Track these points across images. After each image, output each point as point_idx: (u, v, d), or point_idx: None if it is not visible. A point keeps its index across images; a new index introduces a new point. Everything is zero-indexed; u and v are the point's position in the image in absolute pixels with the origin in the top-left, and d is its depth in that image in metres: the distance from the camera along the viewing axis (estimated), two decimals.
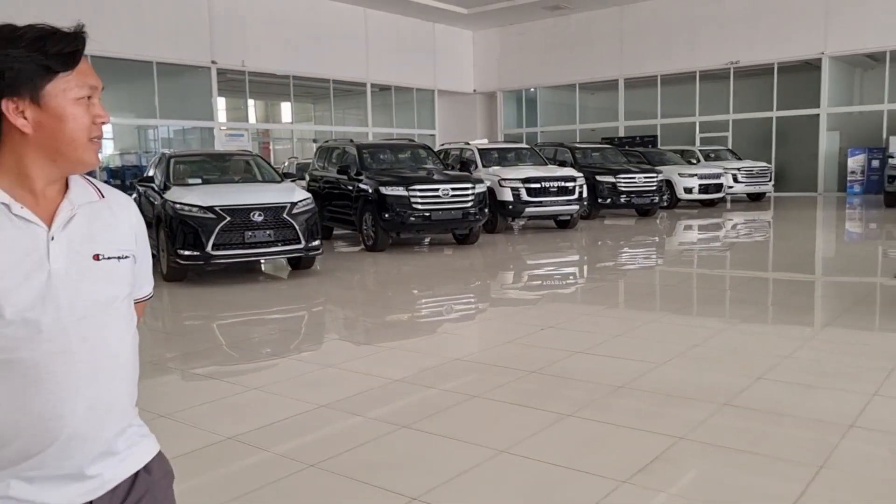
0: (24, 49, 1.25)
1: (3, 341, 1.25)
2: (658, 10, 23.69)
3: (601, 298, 7.70)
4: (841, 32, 20.90)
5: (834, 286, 8.26)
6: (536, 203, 12.92)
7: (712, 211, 18.04)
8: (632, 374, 4.56)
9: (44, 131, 1.29)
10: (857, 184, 21.80)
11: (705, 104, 23.82)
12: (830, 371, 4.64)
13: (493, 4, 23.76)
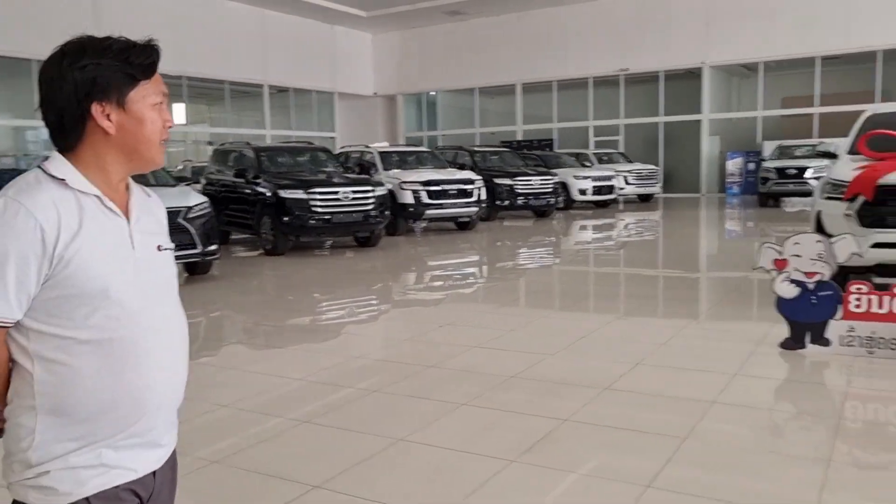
0: (112, 59, 1.40)
1: (106, 321, 1.38)
2: (554, 18, 24.54)
3: (498, 296, 8.02)
4: (719, 44, 22.32)
5: (709, 280, 8.91)
6: (437, 205, 13.18)
7: (605, 212, 18.89)
8: (523, 365, 4.85)
9: (125, 132, 1.43)
10: (736, 185, 23.32)
11: (598, 109, 24.86)
12: (699, 356, 5.09)
13: (393, 8, 23.95)
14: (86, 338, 1.36)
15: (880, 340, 4.77)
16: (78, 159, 1.42)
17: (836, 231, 5.67)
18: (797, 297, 4.91)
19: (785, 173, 18.03)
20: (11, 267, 1.30)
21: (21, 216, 1.31)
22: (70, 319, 1.35)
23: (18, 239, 1.30)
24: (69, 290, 1.34)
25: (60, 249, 1.32)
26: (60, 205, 1.35)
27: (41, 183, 1.37)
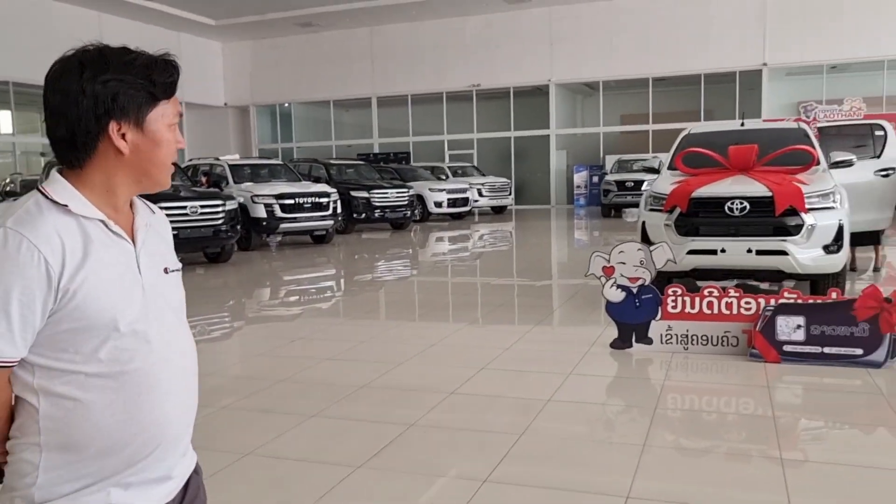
0: (135, 76, 1.31)
1: (118, 353, 1.30)
2: (406, 33, 25.00)
3: (353, 309, 8.10)
4: (563, 63, 23.66)
5: (553, 287, 9.45)
6: (291, 219, 13.06)
7: (461, 223, 19.44)
8: (373, 374, 4.96)
9: (139, 154, 1.34)
10: (583, 197, 24.75)
11: (452, 123, 25.56)
12: (539, 358, 5.43)
13: (244, 17, 23.47)
14: (95, 371, 1.28)
15: (693, 337, 5.31)
16: (83, 179, 1.33)
17: (659, 240, 6.24)
18: (623, 301, 5.37)
19: (624, 186, 19.38)
20: (15, 304, 1.22)
21: (24, 249, 1.22)
22: (78, 353, 1.28)
23: (22, 274, 1.22)
24: (77, 323, 1.26)
25: (66, 281, 1.24)
26: (64, 233, 1.26)
27: (42, 210, 1.27)
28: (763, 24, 21.58)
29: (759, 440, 3.75)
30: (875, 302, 4.75)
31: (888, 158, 8.39)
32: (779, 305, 5.01)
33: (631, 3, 22.47)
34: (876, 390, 4.46)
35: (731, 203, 6.26)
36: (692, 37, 22.12)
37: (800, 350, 4.95)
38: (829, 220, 6.17)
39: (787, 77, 22.92)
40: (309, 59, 26.15)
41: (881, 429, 3.93)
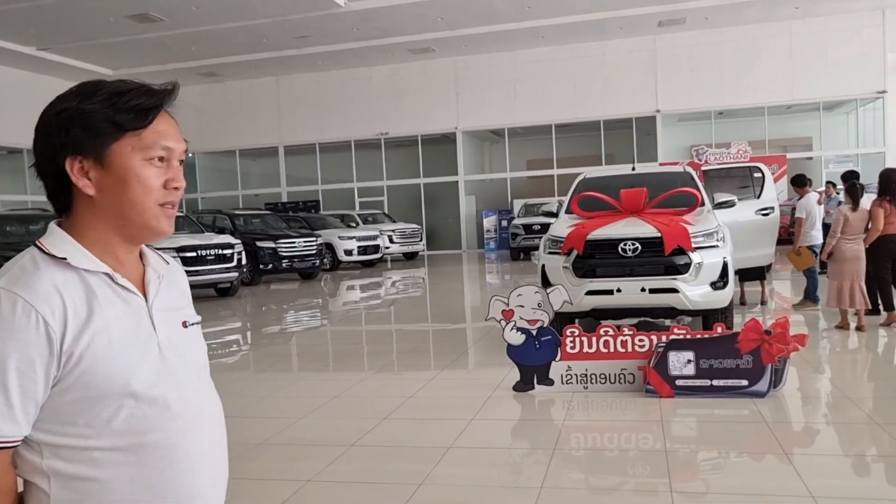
0: (98, 104, 1.15)
1: (135, 423, 1.14)
2: (313, 83, 25.07)
3: (257, 363, 7.87)
4: (469, 111, 24.25)
5: (459, 331, 9.49)
6: (192, 272, 12.62)
7: (372, 271, 19.36)
8: (272, 430, 4.81)
9: (106, 194, 1.17)
10: (492, 241, 25.15)
11: (362, 171, 25.62)
12: (443, 405, 5.41)
13: (143, 67, 22.97)
14: (110, 445, 1.13)
15: (592, 376, 5.42)
16: (75, 228, 1.19)
17: (558, 282, 6.39)
18: (523, 344, 5.44)
19: (531, 229, 19.81)
20: (13, 374, 1.07)
21: (20, 310, 1.08)
22: (89, 426, 1.12)
23: (19, 339, 1.07)
24: (85, 392, 1.11)
25: (69, 344, 1.10)
26: (64, 290, 1.11)
27: (39, 266, 1.13)
28: (654, 73, 22.84)
29: (655, 474, 3.83)
30: (756, 335, 4.99)
31: (767, 199, 8.95)
32: (670, 342, 5.20)
33: (532, 54, 23.36)
34: (761, 419, 4.65)
35: (624, 244, 6.50)
36: (591, 85, 23.16)
37: (691, 384, 5.13)
38: (714, 258, 6.48)
39: (679, 122, 24.24)
40: (213, 108, 25.79)
41: (768, 456, 4.10)
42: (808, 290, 9.04)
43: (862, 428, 4.55)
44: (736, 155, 22.17)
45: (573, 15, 20.25)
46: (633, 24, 21.18)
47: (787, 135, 23.84)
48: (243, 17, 18.89)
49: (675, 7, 19.93)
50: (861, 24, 21.20)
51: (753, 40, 21.92)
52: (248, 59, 22.89)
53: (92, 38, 19.94)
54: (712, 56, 22.29)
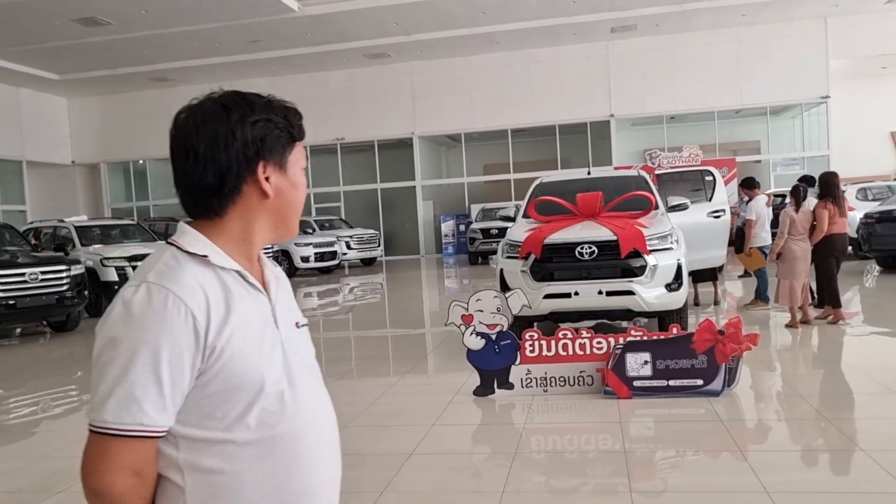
0: (279, 116, 1.26)
1: (265, 417, 1.18)
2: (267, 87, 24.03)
3: None
4: (426, 116, 24.27)
5: (419, 337, 9.47)
6: None
7: (330, 277, 19.20)
8: None
9: (281, 197, 1.27)
10: (451, 245, 25.19)
11: (318, 176, 25.38)
12: (403, 411, 5.39)
13: (91, 72, 22.45)
14: (244, 439, 1.17)
15: (552, 379, 5.47)
16: (222, 228, 1.25)
17: (516, 286, 6.43)
18: (483, 348, 5.46)
19: (489, 233, 19.90)
20: (165, 365, 1.11)
21: (170, 304, 1.12)
22: (225, 419, 1.16)
23: (170, 332, 1.11)
24: (223, 386, 1.16)
25: (213, 338, 1.14)
26: (206, 286, 1.17)
27: (181, 262, 1.18)
28: (608, 79, 23.18)
29: (614, 475, 3.88)
30: (710, 335, 5.09)
31: (718, 201, 9.15)
32: (627, 343, 5.27)
33: (487, 59, 23.50)
34: (716, 418, 4.75)
35: (580, 248, 6.57)
36: (546, 90, 23.39)
37: (648, 384, 5.21)
38: (668, 260, 6.60)
39: (632, 127, 24.63)
40: (164, 113, 24.86)
41: (724, 453, 4.18)
42: (758, 289, 9.26)
43: (812, 423, 4.68)
44: (688, 158, 22.63)
45: (527, 21, 20.44)
46: (586, 30, 21.48)
47: (737, 138, 24.42)
48: (195, 21, 18.59)
49: (626, 14, 20.27)
50: (805, 32, 21.86)
51: (703, 47, 22.42)
52: (200, 64, 22.51)
53: (38, 42, 19.40)
54: (664, 62, 22.72)
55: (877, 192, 15.45)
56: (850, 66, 23.26)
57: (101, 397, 1.13)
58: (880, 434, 4.31)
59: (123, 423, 1.12)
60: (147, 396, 1.11)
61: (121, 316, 1.13)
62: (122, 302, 1.14)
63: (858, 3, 20.57)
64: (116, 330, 1.13)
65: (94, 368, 1.15)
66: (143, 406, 1.12)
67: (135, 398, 1.11)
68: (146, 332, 1.11)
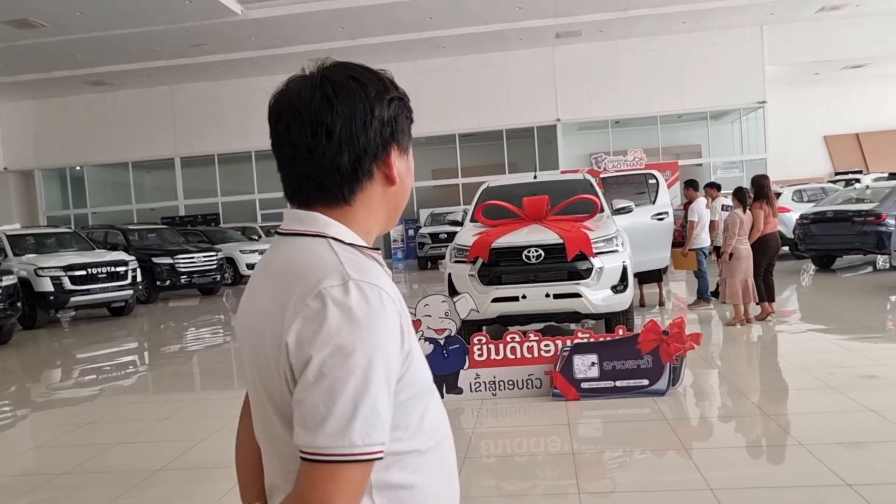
0: (405, 95, 1.15)
1: (435, 420, 1.09)
2: (209, 92, 24.32)
3: (154, 384, 7.51)
4: None
5: None
6: (83, 291, 11.98)
7: None
8: (172, 455, 4.59)
9: (403, 184, 1.15)
10: (400, 251, 25.08)
11: (264, 182, 25.01)
12: None
13: (24, 75, 21.67)
14: (425, 447, 1.07)
15: (500, 383, 5.47)
16: (349, 217, 1.11)
17: (465, 290, 6.42)
18: (431, 353, 5.42)
19: (438, 238, 19.90)
20: (393, 372, 0.98)
21: (387, 303, 0.99)
22: (408, 428, 1.05)
23: (393, 335, 0.99)
24: (412, 390, 1.04)
25: (408, 339, 1.03)
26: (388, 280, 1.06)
27: (357, 255, 1.05)
28: (554, 83, 23.47)
29: (564, 476, 3.89)
30: (655, 335, 5.17)
31: (661, 204, 9.33)
32: (574, 345, 5.31)
33: (434, 63, 23.53)
34: (661, 417, 4.81)
35: (527, 251, 6.60)
36: (493, 95, 23.54)
37: (595, 386, 5.26)
38: (614, 262, 6.68)
39: (578, 131, 24.98)
40: (103, 118, 24.60)
41: (670, 451, 4.24)
42: (700, 290, 9.47)
43: (752, 419, 4.78)
44: (632, 162, 22.99)
45: (474, 26, 20.55)
46: (532, 35, 21.71)
47: (679, 142, 24.99)
48: (134, 23, 18.11)
49: (571, 20, 20.56)
50: (742, 39, 22.54)
51: (646, 52, 22.90)
52: (140, 68, 21.95)
53: None
54: (608, 67, 23.12)
55: (811, 194, 15.98)
56: (785, 73, 24.06)
57: (342, 418, 0.94)
58: (817, 428, 4.44)
59: (372, 444, 0.96)
60: (387, 410, 0.98)
61: (343, 320, 0.96)
62: (335, 304, 0.96)
63: (792, 13, 21.30)
64: (342, 337, 0.95)
65: (317, 386, 0.95)
66: (384, 421, 0.98)
67: (378, 414, 0.97)
68: (378, 336, 0.97)
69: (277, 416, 1.04)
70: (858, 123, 25.49)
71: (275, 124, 1.13)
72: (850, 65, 23.70)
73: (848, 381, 5.35)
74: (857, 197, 13.17)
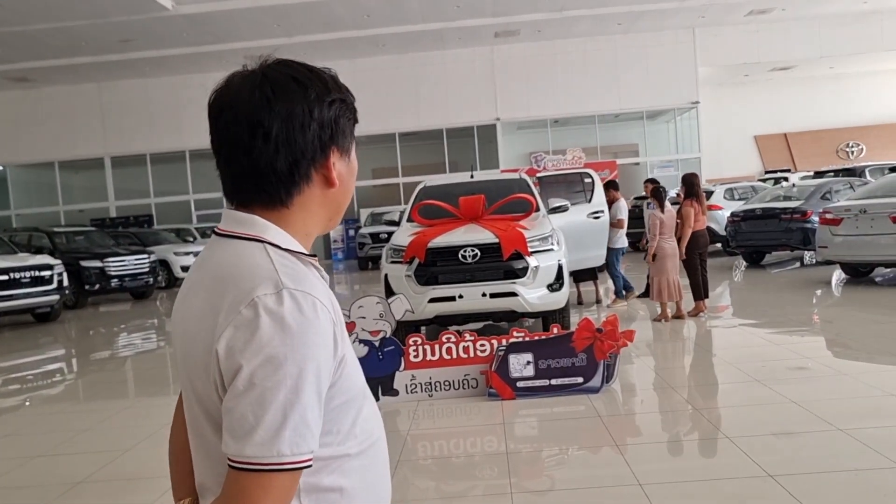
0: (349, 95, 1.13)
1: (367, 423, 1.08)
2: (140, 90, 23.59)
3: (78, 393, 7.22)
4: None
5: None
6: (5, 297, 11.43)
7: None
8: (93, 467, 4.41)
9: (343, 186, 1.12)
10: (340, 251, 24.84)
11: (199, 182, 24.39)
12: None
13: None
14: (356, 450, 1.07)
15: (437, 384, 5.44)
16: (287, 220, 1.09)
17: (401, 291, 6.37)
18: (366, 355, 5.35)
19: (378, 238, 19.76)
20: (324, 382, 0.98)
21: (321, 312, 0.98)
22: (340, 432, 1.05)
23: (325, 344, 0.98)
24: (345, 396, 1.05)
25: (341, 346, 1.03)
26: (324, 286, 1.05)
27: (293, 261, 1.04)
28: (493, 83, 23.60)
29: (500, 475, 3.88)
30: (589, 333, 5.22)
31: (597, 203, 9.46)
32: (509, 345, 5.31)
33: (373, 62, 23.35)
34: (595, 414, 4.86)
35: (464, 251, 6.59)
36: (432, 94, 23.53)
37: (531, 385, 5.27)
38: (549, 261, 6.73)
39: (518, 130, 25.18)
40: (26, 116, 23.58)
41: (604, 448, 4.28)
42: (616, 289, 9.71)
43: (682, 413, 4.87)
44: (571, 161, 23.36)
45: (412, 24, 20.49)
46: (471, 34, 21.77)
47: (617, 142, 25.46)
48: (58, 17, 17.40)
49: (509, 20, 20.70)
50: (676, 41, 23.10)
51: (583, 53, 23.24)
52: (65, 64, 21.11)
53: None
54: (546, 67, 23.37)
55: (742, 192, 16.48)
56: (716, 74, 24.78)
57: (271, 428, 0.94)
58: (743, 420, 4.55)
59: (301, 453, 0.96)
60: (316, 419, 0.98)
61: (275, 330, 0.95)
62: (267, 313, 0.96)
63: (722, 16, 21.94)
64: (274, 347, 0.94)
65: (246, 396, 0.95)
66: (313, 430, 0.98)
67: (307, 423, 0.96)
68: (309, 347, 0.96)
69: (207, 420, 1.04)
70: (787, 123, 26.46)
71: (214, 122, 1.10)
72: (778, 67, 24.57)
73: (775, 374, 5.51)
74: (785, 195, 13.64)
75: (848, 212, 9.85)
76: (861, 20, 22.54)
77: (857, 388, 5.03)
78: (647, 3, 20.30)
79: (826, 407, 4.57)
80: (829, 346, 6.76)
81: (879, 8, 21.83)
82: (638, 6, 20.43)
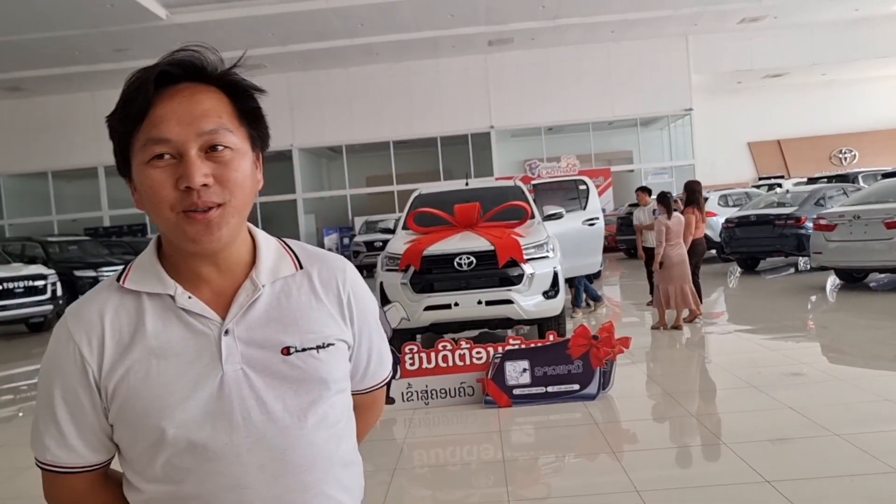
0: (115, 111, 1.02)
1: (170, 471, 1.00)
2: None
3: None
4: (305, 128, 23.82)
5: None
6: None
7: None
8: None
9: (144, 201, 1.03)
10: None
11: None
12: None
13: None
14: (153, 490, 1.02)
15: (433, 392, 5.42)
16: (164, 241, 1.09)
17: (396, 299, 6.36)
18: None
19: (373, 246, 19.73)
20: (60, 402, 1.03)
21: (63, 340, 1.04)
22: (137, 464, 1.03)
23: (61, 369, 1.03)
24: (125, 429, 1.03)
25: (104, 378, 1.01)
26: (110, 318, 1.03)
27: (103, 289, 1.07)
28: (487, 90, 23.66)
29: (497, 484, 3.86)
30: (585, 340, 5.21)
31: (592, 209, 9.46)
32: (506, 352, 5.30)
33: (367, 70, 23.40)
34: (592, 421, 4.85)
35: (459, 258, 6.58)
36: (426, 102, 23.57)
37: (527, 392, 5.26)
38: (545, 268, 6.72)
39: (512, 138, 25.23)
40: (19, 126, 23.52)
41: (600, 455, 4.26)
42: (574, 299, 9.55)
43: (679, 420, 4.86)
44: (566, 168, 23.40)
45: (406, 33, 20.53)
46: (465, 42, 21.83)
47: (611, 149, 25.52)
48: (51, 27, 17.38)
49: (502, 28, 20.76)
50: (669, 49, 23.21)
51: (577, 60, 23.32)
52: (59, 73, 21.09)
53: None
54: (540, 74, 23.44)
55: (736, 199, 16.53)
56: (709, 81, 24.88)
57: (34, 430, 1.09)
58: (740, 426, 4.54)
59: (38, 455, 1.08)
60: (48, 432, 1.05)
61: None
62: None
63: (715, 24, 22.06)
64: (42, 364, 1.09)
65: None
66: (44, 441, 1.06)
67: (39, 433, 1.07)
68: (47, 369, 1.06)
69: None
70: (780, 130, 26.56)
71: None
72: (771, 74, 24.69)
73: (771, 379, 5.51)
74: (779, 201, 13.68)
75: (842, 218, 9.88)
76: (853, 27, 22.69)
77: (852, 394, 5.04)
78: (641, 11, 20.39)
79: (822, 412, 4.57)
80: (824, 352, 6.77)
81: (871, 15, 21.99)
82: (631, 14, 20.53)
